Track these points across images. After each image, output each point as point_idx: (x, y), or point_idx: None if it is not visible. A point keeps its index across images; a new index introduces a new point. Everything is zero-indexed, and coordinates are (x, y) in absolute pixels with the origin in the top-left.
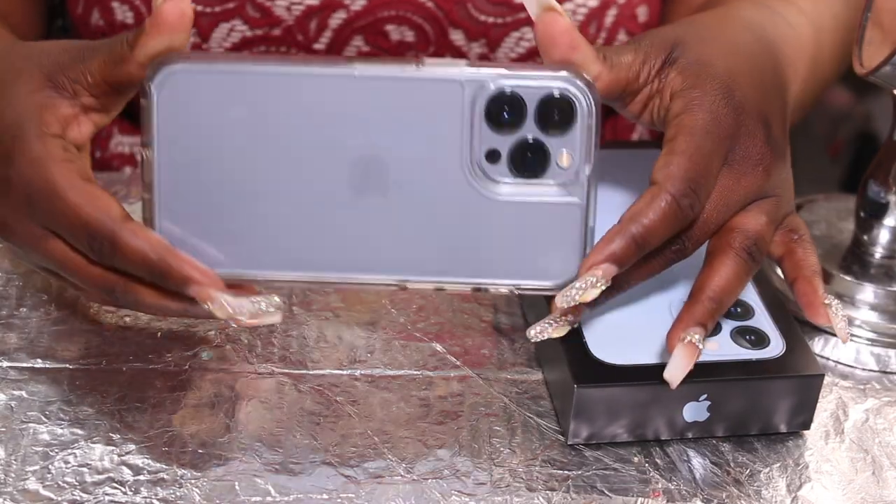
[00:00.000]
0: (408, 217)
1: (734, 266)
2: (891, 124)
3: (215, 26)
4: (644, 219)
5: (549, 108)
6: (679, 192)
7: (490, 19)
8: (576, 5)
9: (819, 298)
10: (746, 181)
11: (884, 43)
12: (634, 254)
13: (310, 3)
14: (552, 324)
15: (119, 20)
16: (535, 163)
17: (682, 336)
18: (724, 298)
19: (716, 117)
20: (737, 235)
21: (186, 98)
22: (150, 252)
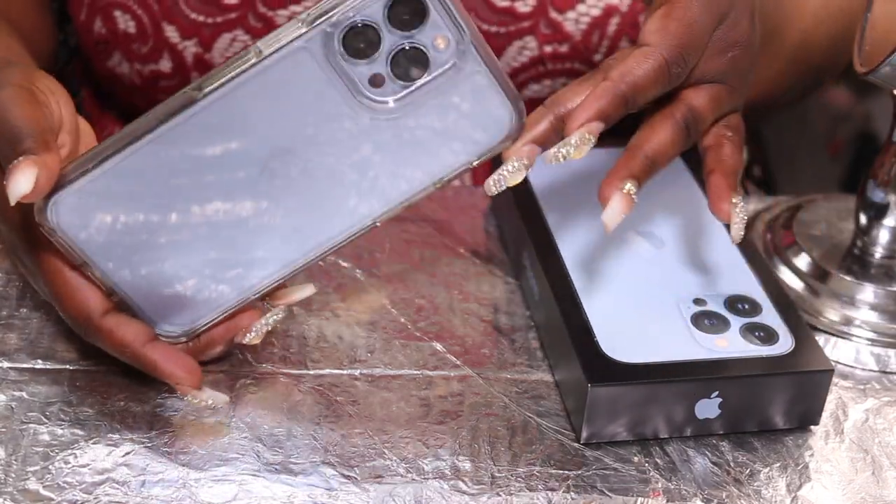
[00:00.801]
0: (336, 176)
1: (671, 132)
2: (891, 124)
3: (217, 37)
4: (633, 77)
5: (399, 12)
6: (672, 57)
7: (493, 28)
8: (578, 14)
9: (728, 194)
10: (713, 62)
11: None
12: (620, 111)
13: None
14: (510, 169)
15: (121, 29)
16: (417, 63)
17: (619, 185)
18: (658, 158)
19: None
20: (681, 107)
21: (83, 215)
22: (126, 347)
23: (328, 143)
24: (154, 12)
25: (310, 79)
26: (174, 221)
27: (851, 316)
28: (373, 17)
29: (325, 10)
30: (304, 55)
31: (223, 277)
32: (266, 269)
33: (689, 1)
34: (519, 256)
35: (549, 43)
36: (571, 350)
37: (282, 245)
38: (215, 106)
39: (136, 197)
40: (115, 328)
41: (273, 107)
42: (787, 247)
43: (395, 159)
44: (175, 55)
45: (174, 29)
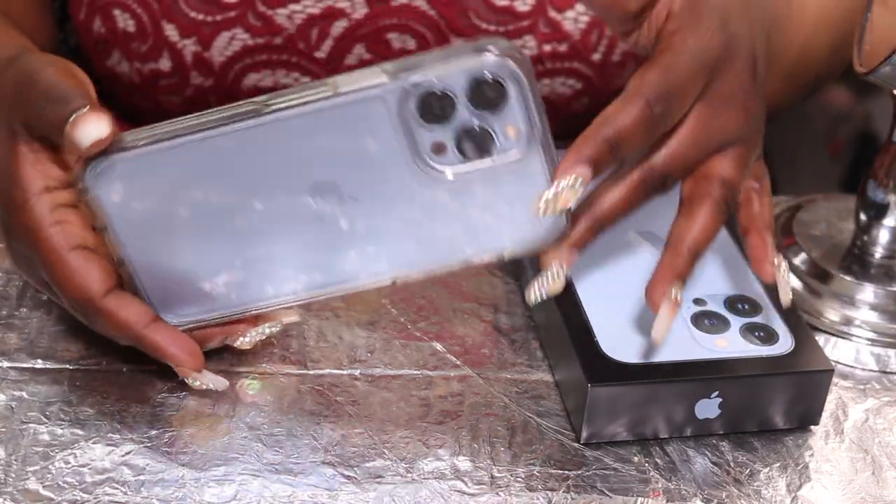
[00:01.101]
0: (375, 226)
1: (712, 216)
2: (891, 124)
3: (216, 35)
4: (616, 121)
5: (478, 92)
6: (653, 97)
7: (492, 27)
8: (577, 13)
9: (769, 255)
10: (726, 120)
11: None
12: (608, 158)
13: (311, 11)
14: (550, 276)
15: (121, 28)
16: (482, 145)
17: (666, 291)
18: (701, 249)
19: (706, 44)
20: (715, 185)
21: (123, 182)
22: (128, 329)
23: (373, 192)
24: (153, 11)
25: (376, 127)
26: (204, 221)
27: (851, 316)
28: (453, 89)
29: (410, 66)
30: (378, 104)
31: (234, 286)
32: (276, 290)
33: (679, 49)
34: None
35: (548, 42)
36: (571, 350)
37: (298, 273)
38: (276, 124)
39: (175, 186)
40: (117, 309)
41: (332, 142)
42: (787, 247)
43: (432, 228)
44: (174, 54)
45: (173, 28)
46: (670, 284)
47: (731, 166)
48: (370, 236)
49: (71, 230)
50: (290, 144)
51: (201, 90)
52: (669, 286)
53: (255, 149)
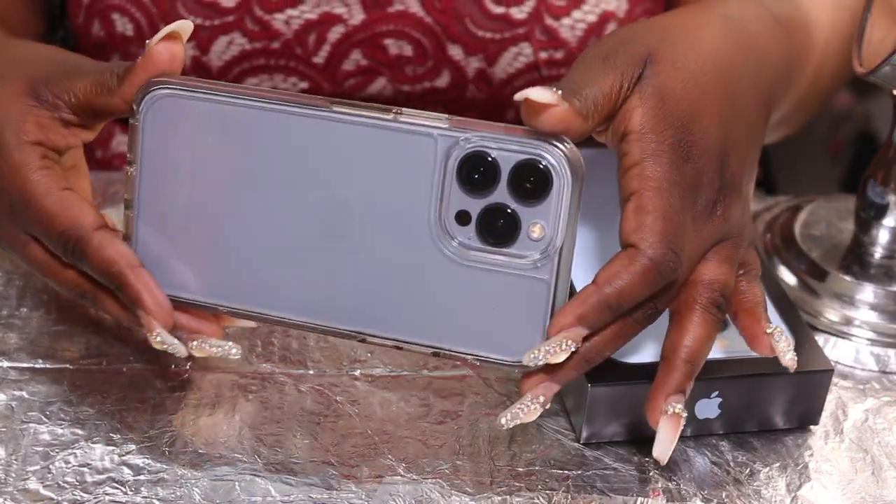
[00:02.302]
0: (371, 269)
1: (703, 323)
2: (891, 124)
3: (214, 39)
4: (620, 282)
5: (523, 176)
6: (659, 255)
7: (488, 34)
8: (574, 20)
9: (761, 328)
10: (708, 231)
11: (884, 42)
12: (606, 317)
13: (308, 17)
14: (524, 408)
15: (119, 32)
16: (505, 231)
17: (664, 408)
18: (697, 358)
19: (677, 168)
20: (702, 290)
21: (171, 123)
22: (113, 264)
23: (383, 228)
24: (152, 15)
25: (418, 166)
26: (220, 198)
27: (851, 316)
28: (502, 161)
29: (473, 126)
30: (429, 145)
31: (222, 274)
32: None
33: (658, 185)
34: None
35: (544, 49)
36: None
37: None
38: (332, 125)
39: (214, 147)
40: (107, 243)
41: (371, 164)
42: (787, 247)
43: (415, 293)
44: None
45: None
46: (667, 400)
47: (714, 267)
48: (357, 276)
49: (60, 175)
50: (331, 151)
51: None
52: (667, 402)
53: (303, 142)
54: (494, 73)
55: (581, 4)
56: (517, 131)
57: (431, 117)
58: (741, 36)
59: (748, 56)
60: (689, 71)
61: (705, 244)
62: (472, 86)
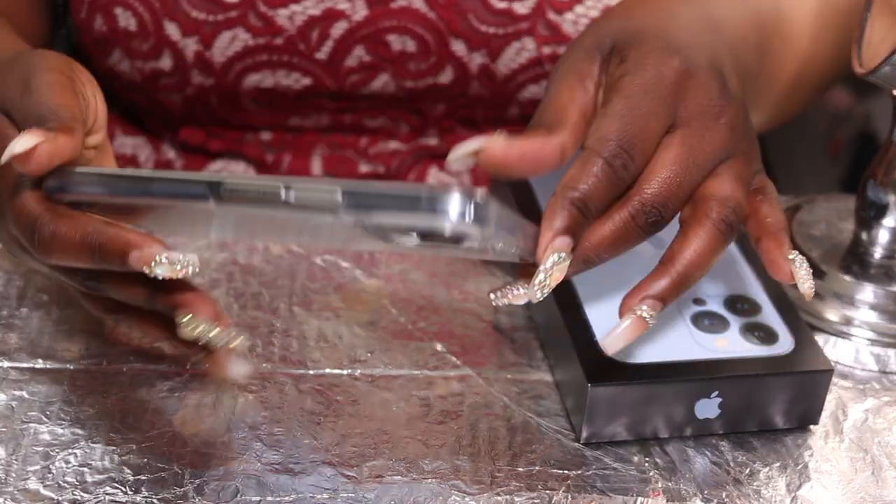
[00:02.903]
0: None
1: (709, 237)
2: (891, 124)
3: (217, 35)
4: (579, 184)
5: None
6: (610, 153)
7: (491, 30)
8: (577, 15)
9: (783, 254)
10: (710, 137)
11: (884, 42)
12: (580, 220)
13: (311, 12)
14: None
15: (122, 26)
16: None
17: (635, 307)
18: (694, 272)
19: (658, 75)
20: (714, 205)
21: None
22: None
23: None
24: (155, 10)
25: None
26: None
27: (851, 316)
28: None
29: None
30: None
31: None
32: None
33: (628, 92)
34: None
35: (547, 44)
36: (571, 350)
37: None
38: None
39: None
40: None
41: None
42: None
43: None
44: (175, 53)
45: (175, 26)
46: (642, 300)
47: (728, 184)
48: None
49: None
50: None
51: (202, 89)
52: (641, 302)
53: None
54: (498, 69)
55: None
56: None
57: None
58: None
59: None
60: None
61: (711, 152)
62: (475, 81)
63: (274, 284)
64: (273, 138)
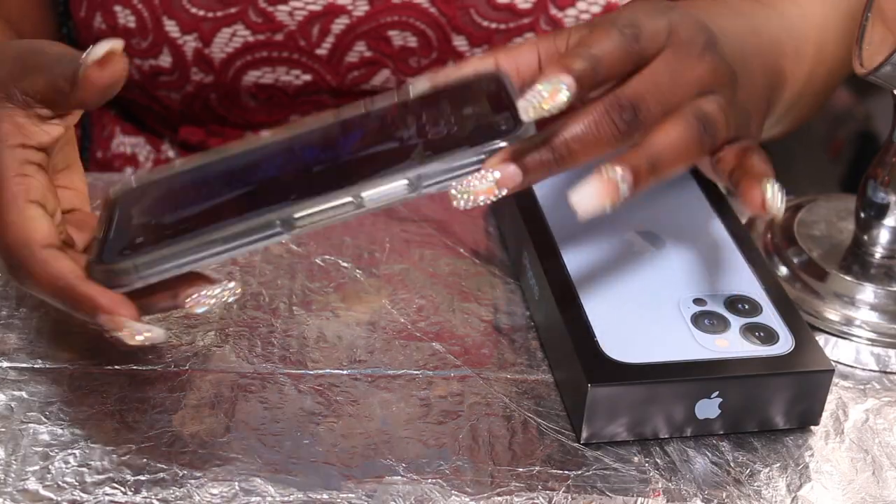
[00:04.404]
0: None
1: (682, 130)
2: (891, 124)
3: (217, 31)
4: (593, 42)
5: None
6: (621, 23)
7: (493, 25)
8: (579, 11)
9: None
10: (696, 64)
11: (884, 42)
12: (589, 73)
13: (312, 8)
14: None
15: (121, 24)
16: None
17: (605, 171)
18: (663, 156)
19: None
20: (692, 109)
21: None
22: (59, 279)
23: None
24: (154, 7)
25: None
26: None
27: (851, 316)
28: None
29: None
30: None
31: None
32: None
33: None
34: (519, 256)
35: None
36: (571, 350)
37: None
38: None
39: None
40: (53, 259)
41: None
42: (787, 247)
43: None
44: (175, 50)
45: (174, 24)
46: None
47: (708, 103)
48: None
49: (34, 185)
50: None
51: (202, 86)
52: (612, 167)
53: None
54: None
55: None
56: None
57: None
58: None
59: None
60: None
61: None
62: None
63: (273, 284)
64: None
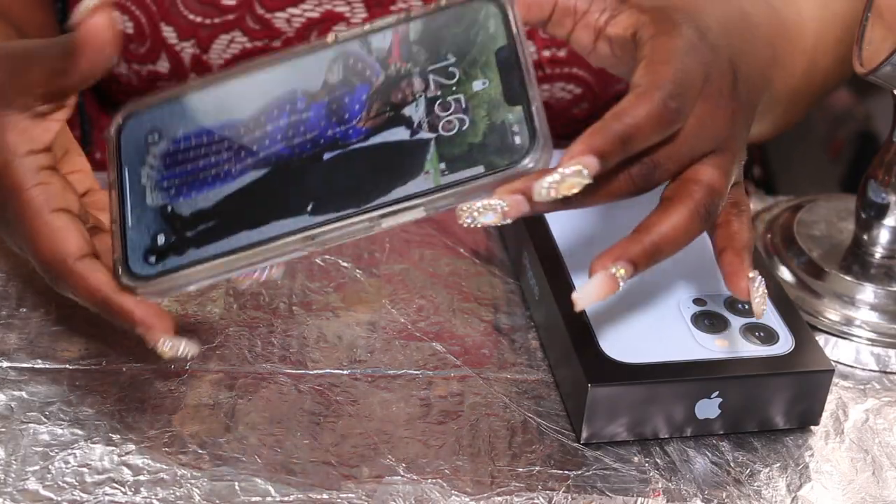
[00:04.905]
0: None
1: (687, 216)
2: (891, 124)
3: (215, 38)
4: (630, 116)
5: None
6: (668, 92)
7: None
8: None
9: (744, 270)
10: (720, 116)
11: (884, 42)
12: (618, 151)
13: (310, 15)
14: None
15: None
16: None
17: (609, 267)
18: (665, 247)
19: (692, 44)
20: (697, 188)
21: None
22: (97, 292)
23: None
24: (152, 13)
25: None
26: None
27: (851, 316)
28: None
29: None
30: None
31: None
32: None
33: (673, 48)
34: (519, 256)
35: (547, 48)
36: (571, 350)
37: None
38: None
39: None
40: (89, 272)
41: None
42: (787, 247)
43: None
44: (173, 56)
45: (172, 30)
46: (615, 261)
47: (714, 173)
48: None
49: (53, 191)
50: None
51: None
52: (614, 262)
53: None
54: None
55: None
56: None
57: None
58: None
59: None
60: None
61: (715, 129)
62: None
63: (273, 284)
64: None
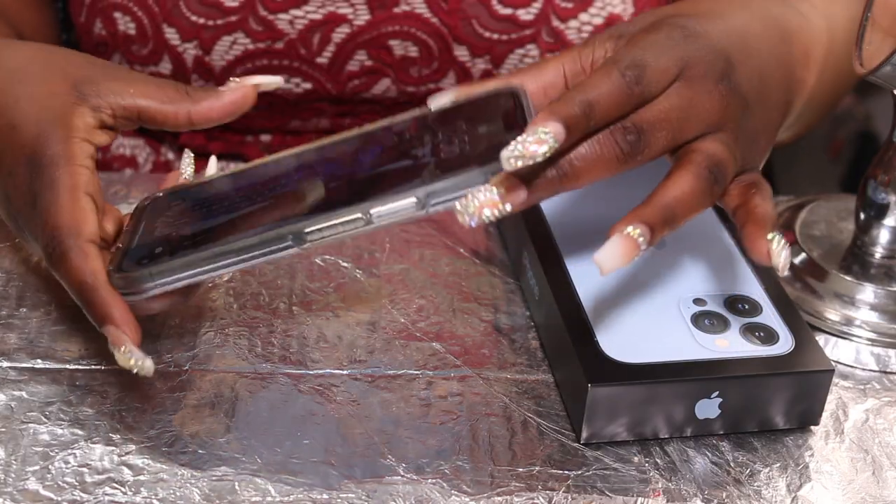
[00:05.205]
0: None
1: (693, 179)
2: (891, 124)
3: (217, 39)
4: (589, 85)
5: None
6: (625, 64)
7: (494, 36)
8: (581, 23)
9: (762, 233)
10: (706, 99)
11: (884, 42)
12: (580, 118)
13: (313, 17)
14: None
15: (121, 31)
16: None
17: (626, 228)
18: (676, 209)
19: (665, 34)
20: (700, 156)
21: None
22: (89, 275)
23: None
24: (154, 14)
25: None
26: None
27: (851, 316)
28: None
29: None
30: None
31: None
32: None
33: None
34: (519, 256)
35: (550, 51)
36: (571, 350)
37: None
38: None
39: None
40: (91, 257)
41: None
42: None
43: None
44: (175, 57)
45: (174, 31)
46: (632, 224)
47: (713, 143)
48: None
49: (92, 180)
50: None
51: None
52: (630, 225)
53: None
54: (500, 75)
55: (588, 7)
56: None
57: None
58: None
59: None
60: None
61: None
62: None
63: (273, 284)
64: (273, 140)
